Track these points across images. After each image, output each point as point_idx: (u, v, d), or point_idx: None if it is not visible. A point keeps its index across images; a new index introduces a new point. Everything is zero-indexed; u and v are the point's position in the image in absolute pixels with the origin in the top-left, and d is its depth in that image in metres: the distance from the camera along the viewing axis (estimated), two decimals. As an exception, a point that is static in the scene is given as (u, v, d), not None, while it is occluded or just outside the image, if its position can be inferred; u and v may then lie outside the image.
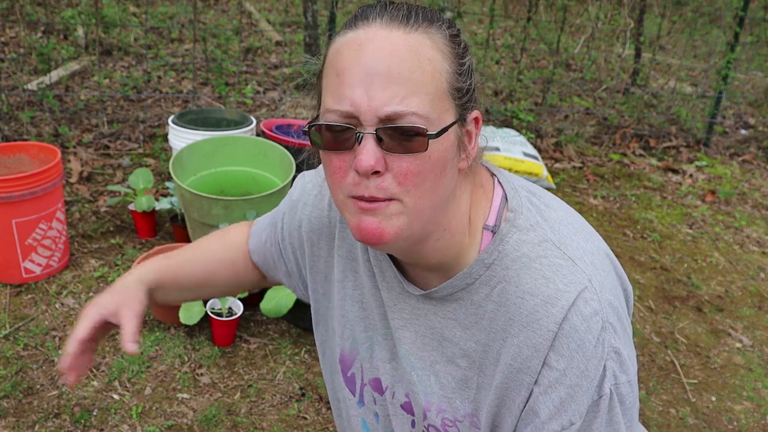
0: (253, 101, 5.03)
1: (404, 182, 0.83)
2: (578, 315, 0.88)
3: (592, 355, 0.88)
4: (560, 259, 0.90)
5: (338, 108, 0.82)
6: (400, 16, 0.83)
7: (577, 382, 0.88)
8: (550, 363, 0.89)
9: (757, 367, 2.98)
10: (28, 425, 2.25)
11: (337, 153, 0.84)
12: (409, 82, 0.80)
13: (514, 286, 0.91)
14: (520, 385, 0.91)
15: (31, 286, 2.88)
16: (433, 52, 0.83)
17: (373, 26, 0.83)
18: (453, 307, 0.97)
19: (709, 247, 3.98)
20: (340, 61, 0.83)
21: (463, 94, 0.87)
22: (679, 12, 7.06)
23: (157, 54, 5.61)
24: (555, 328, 0.88)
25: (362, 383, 1.13)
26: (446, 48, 0.85)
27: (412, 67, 0.81)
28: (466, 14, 5.97)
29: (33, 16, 4.96)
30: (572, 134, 5.19)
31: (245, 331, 2.78)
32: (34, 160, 2.98)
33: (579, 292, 0.88)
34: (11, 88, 4.38)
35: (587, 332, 0.87)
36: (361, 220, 0.85)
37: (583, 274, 0.90)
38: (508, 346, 0.91)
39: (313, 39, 5.25)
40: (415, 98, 0.80)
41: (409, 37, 0.82)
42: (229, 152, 3.28)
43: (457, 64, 0.86)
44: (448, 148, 0.85)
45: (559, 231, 0.93)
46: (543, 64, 6.33)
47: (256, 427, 2.34)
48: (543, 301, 0.88)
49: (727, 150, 5.48)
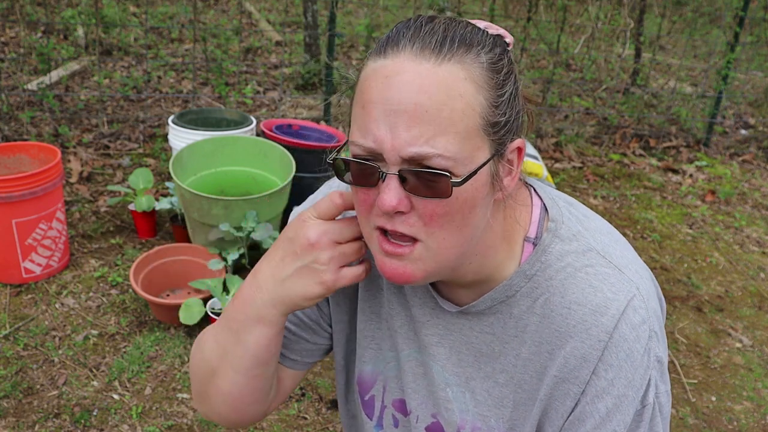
0: (253, 101, 5.03)
1: (429, 223, 0.79)
2: (628, 324, 0.86)
3: (639, 365, 0.87)
4: (606, 267, 0.88)
5: (362, 143, 0.78)
6: (433, 43, 0.77)
7: (624, 392, 0.87)
8: (599, 373, 0.87)
9: (757, 367, 2.98)
10: (28, 425, 2.25)
11: (362, 188, 0.81)
12: (436, 120, 0.74)
13: (560, 296, 0.88)
14: (566, 395, 0.89)
15: (31, 286, 2.88)
16: (466, 85, 0.76)
17: (402, 55, 0.77)
18: (490, 321, 0.94)
19: (709, 247, 3.98)
20: (367, 92, 0.78)
21: (501, 127, 0.80)
22: (679, 12, 7.06)
23: (157, 54, 5.61)
24: (606, 338, 0.86)
25: (383, 405, 1.09)
26: (482, 78, 0.78)
27: (440, 104, 0.75)
28: (466, 14, 5.98)
29: (33, 16, 4.96)
30: (572, 134, 5.19)
31: (245, 331, 2.77)
32: (34, 160, 2.98)
33: (629, 301, 0.86)
34: (11, 88, 4.38)
35: (636, 341, 0.86)
36: (385, 262, 0.83)
37: (631, 283, 0.88)
38: (554, 358, 0.89)
39: (313, 39, 5.25)
40: (442, 138, 0.75)
41: (439, 70, 0.75)
42: (229, 152, 3.28)
43: (494, 95, 0.79)
44: (479, 188, 0.80)
45: (601, 240, 0.91)
46: (543, 64, 6.33)
47: (256, 427, 2.34)
48: (592, 310, 0.86)
49: (727, 150, 5.48)
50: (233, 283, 2.71)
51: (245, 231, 2.83)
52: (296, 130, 3.68)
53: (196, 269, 2.91)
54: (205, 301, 2.68)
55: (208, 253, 2.90)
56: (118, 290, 2.93)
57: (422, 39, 0.77)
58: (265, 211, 2.91)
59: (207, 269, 2.84)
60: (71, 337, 2.64)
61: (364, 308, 1.06)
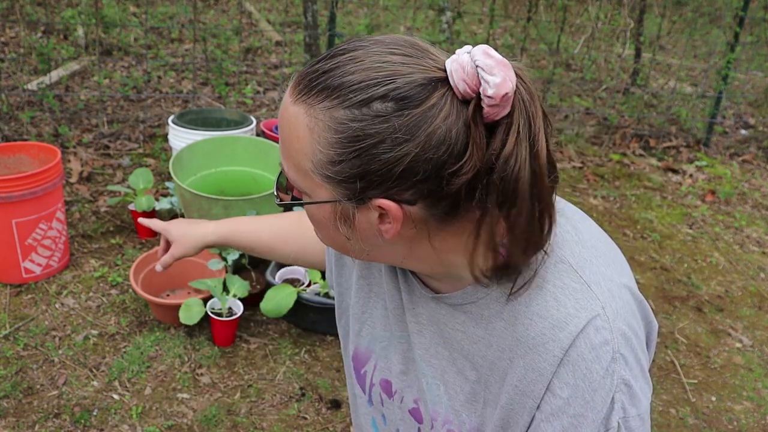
0: (253, 101, 5.03)
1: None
2: (587, 343, 0.84)
3: (599, 386, 0.84)
4: (575, 282, 0.86)
5: None
6: (303, 81, 0.80)
7: (582, 412, 0.85)
8: (553, 390, 0.85)
9: (757, 367, 2.98)
10: (28, 425, 2.25)
11: None
12: (284, 147, 0.84)
13: (525, 306, 0.87)
14: (523, 408, 0.89)
15: (31, 286, 2.88)
16: (303, 132, 0.79)
17: (288, 88, 0.87)
18: (462, 319, 0.95)
19: (709, 247, 3.98)
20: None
21: (343, 181, 0.78)
22: (679, 12, 7.06)
23: (157, 54, 5.61)
24: (561, 354, 0.84)
25: (371, 383, 1.12)
26: (322, 132, 0.77)
27: (286, 136, 0.83)
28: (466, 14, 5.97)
29: (33, 16, 4.96)
30: (572, 134, 5.19)
31: (245, 331, 2.78)
32: (34, 160, 2.98)
33: (590, 319, 0.84)
34: (11, 88, 4.38)
35: (595, 362, 0.84)
36: None
37: (597, 301, 0.85)
38: (514, 367, 0.89)
39: (313, 39, 5.25)
40: (286, 163, 0.85)
41: (291, 108, 0.81)
42: (229, 152, 3.28)
43: (333, 153, 0.77)
44: (326, 217, 0.86)
45: (578, 253, 0.89)
46: (543, 64, 6.33)
47: (256, 427, 2.34)
48: (551, 324, 0.85)
49: (727, 150, 5.48)
50: (233, 283, 2.71)
51: (245, 231, 2.83)
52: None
53: (196, 269, 2.92)
54: (205, 301, 2.68)
55: (208, 253, 2.90)
56: (118, 290, 2.93)
57: (304, 75, 0.80)
58: (265, 211, 2.91)
59: (207, 269, 2.84)
60: (71, 337, 2.64)
61: (362, 285, 1.09)
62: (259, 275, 2.95)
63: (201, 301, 2.63)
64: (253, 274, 2.94)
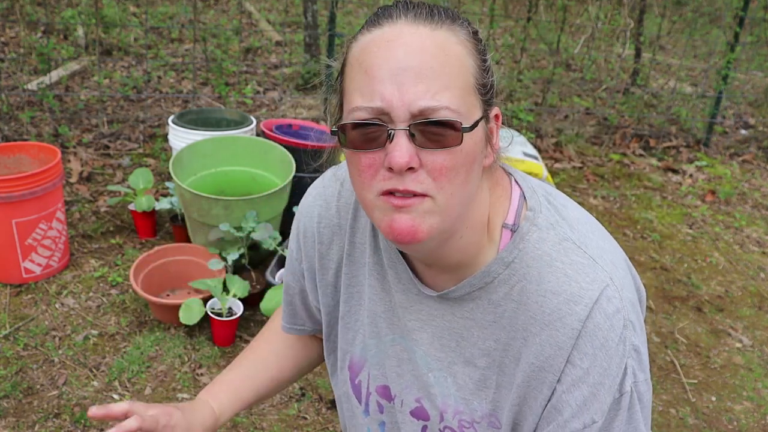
0: (253, 101, 5.03)
1: (439, 177, 0.82)
2: (601, 313, 0.88)
3: (614, 353, 0.88)
4: (581, 257, 0.91)
5: (368, 105, 0.81)
6: (424, 14, 0.83)
7: (600, 380, 0.88)
8: (573, 361, 0.89)
9: (757, 367, 2.98)
10: (28, 425, 2.25)
11: (367, 152, 0.83)
12: (440, 76, 0.80)
13: (536, 284, 0.90)
14: (542, 383, 0.91)
15: (31, 286, 2.88)
16: (459, 48, 0.83)
17: (399, 23, 0.82)
18: (470, 306, 0.96)
19: (709, 247, 3.98)
20: (368, 57, 0.82)
21: (487, 90, 0.87)
22: (679, 12, 7.06)
23: (157, 54, 5.61)
24: (579, 326, 0.88)
25: (368, 392, 1.12)
26: (470, 44, 0.85)
27: (441, 62, 0.80)
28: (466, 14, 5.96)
29: (33, 16, 4.96)
30: (572, 134, 5.19)
31: (245, 331, 2.78)
32: (34, 160, 2.98)
33: (602, 290, 0.88)
34: (11, 88, 4.38)
35: (610, 330, 0.88)
36: (393, 219, 0.83)
37: (605, 272, 0.90)
38: (529, 345, 0.91)
39: (313, 39, 5.25)
40: (447, 92, 0.80)
41: (435, 34, 0.82)
42: (229, 152, 3.28)
43: (480, 60, 0.86)
44: (478, 142, 0.85)
45: (578, 230, 0.94)
46: (543, 64, 6.33)
47: (256, 427, 2.34)
48: (566, 299, 0.88)
49: (727, 150, 5.48)
50: (233, 283, 2.71)
51: (245, 231, 2.83)
52: (296, 130, 3.68)
53: (196, 269, 2.91)
54: (205, 301, 2.68)
55: (208, 253, 2.90)
56: (118, 290, 2.93)
57: (414, 11, 0.83)
58: (265, 211, 2.91)
59: (207, 269, 2.84)
60: (71, 337, 2.64)
61: (352, 293, 1.09)
62: (259, 275, 2.95)
63: (201, 301, 2.63)
64: (253, 274, 2.94)
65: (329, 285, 1.12)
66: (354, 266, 1.08)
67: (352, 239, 1.07)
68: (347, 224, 1.08)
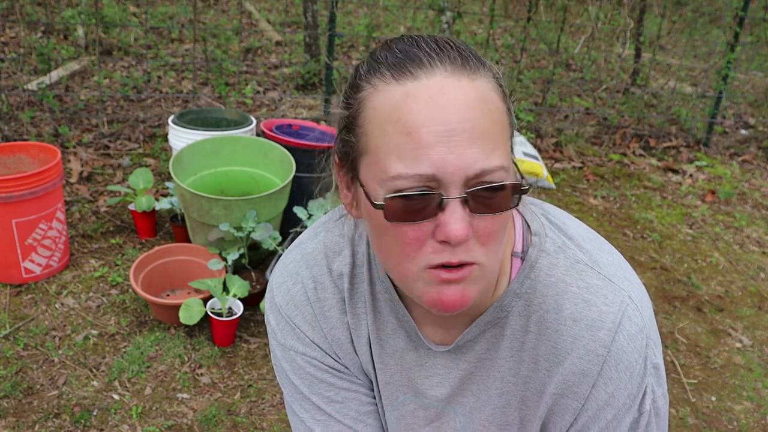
0: (253, 101, 5.03)
1: (487, 242, 0.76)
2: (625, 336, 0.85)
3: (637, 375, 0.87)
4: (597, 279, 0.87)
5: (414, 172, 0.72)
6: (458, 59, 0.75)
7: (624, 402, 0.87)
8: (598, 387, 0.86)
9: (757, 367, 2.98)
10: (28, 425, 2.25)
11: (413, 224, 0.74)
12: (490, 134, 0.73)
13: (554, 313, 0.87)
14: (565, 410, 0.89)
15: (31, 286, 2.88)
16: (495, 96, 0.76)
17: (437, 74, 0.73)
18: (485, 347, 0.92)
19: (709, 247, 3.98)
20: (409, 117, 0.72)
21: (512, 136, 0.81)
22: (679, 12, 7.06)
23: (157, 54, 5.61)
24: (604, 353, 0.85)
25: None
26: (499, 89, 0.78)
27: (490, 119, 0.73)
28: (466, 14, 5.97)
29: (33, 16, 4.96)
30: (572, 134, 5.19)
31: (245, 331, 2.78)
32: (34, 160, 2.98)
33: (623, 312, 0.85)
34: (11, 88, 4.38)
35: (634, 352, 0.86)
36: (442, 292, 0.76)
37: (623, 292, 0.87)
38: (553, 375, 0.89)
39: (313, 39, 5.25)
40: (498, 151, 0.73)
41: (476, 85, 0.74)
42: (229, 152, 3.28)
43: (508, 102, 0.79)
44: (515, 194, 0.78)
45: (587, 249, 0.90)
46: (543, 64, 6.33)
47: (256, 427, 2.34)
48: (587, 325, 0.85)
49: (727, 150, 5.48)
50: (233, 283, 2.71)
51: (245, 231, 2.83)
52: (296, 130, 3.67)
53: (196, 269, 2.92)
54: (205, 301, 2.68)
55: (208, 253, 2.90)
56: (118, 290, 2.93)
57: (446, 55, 0.75)
58: (265, 211, 2.91)
59: (207, 269, 2.84)
60: (71, 337, 2.64)
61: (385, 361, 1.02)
62: (259, 275, 2.95)
63: (201, 301, 2.63)
64: (253, 274, 2.94)
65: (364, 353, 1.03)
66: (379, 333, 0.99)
67: (352, 303, 0.98)
68: (344, 289, 0.98)
